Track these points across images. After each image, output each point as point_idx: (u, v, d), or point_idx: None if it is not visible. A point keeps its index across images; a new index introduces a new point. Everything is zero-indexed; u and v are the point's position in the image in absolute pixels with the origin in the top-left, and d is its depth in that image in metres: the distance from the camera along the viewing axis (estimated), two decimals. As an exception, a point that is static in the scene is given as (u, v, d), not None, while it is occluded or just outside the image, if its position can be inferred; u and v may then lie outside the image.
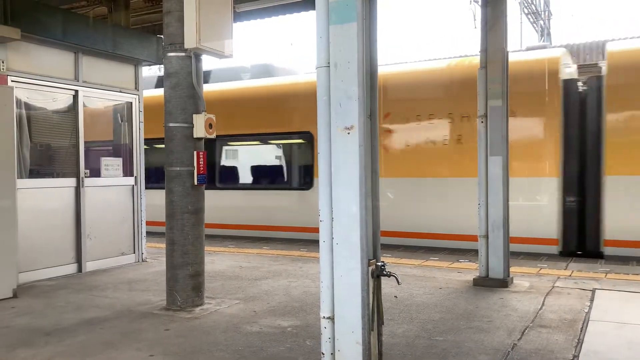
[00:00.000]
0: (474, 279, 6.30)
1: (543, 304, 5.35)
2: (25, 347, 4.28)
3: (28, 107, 6.87)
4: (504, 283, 6.09)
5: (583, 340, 4.29)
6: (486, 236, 6.26)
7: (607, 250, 7.95)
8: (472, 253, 7.82)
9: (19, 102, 6.59)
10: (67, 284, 6.56)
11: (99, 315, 5.15)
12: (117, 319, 5.05)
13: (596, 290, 5.83)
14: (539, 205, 8.42)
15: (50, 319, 5.04)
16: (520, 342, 4.26)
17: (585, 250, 8.33)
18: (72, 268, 7.19)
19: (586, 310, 5.11)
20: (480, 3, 6.60)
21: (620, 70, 7.97)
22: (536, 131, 8.40)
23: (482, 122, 6.27)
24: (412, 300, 5.54)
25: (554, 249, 8.30)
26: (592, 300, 5.48)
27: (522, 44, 20.09)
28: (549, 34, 22.40)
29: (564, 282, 6.26)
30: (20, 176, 6.50)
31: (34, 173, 6.90)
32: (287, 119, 10.46)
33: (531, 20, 21.76)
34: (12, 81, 6.51)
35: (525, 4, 21.16)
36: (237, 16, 8.15)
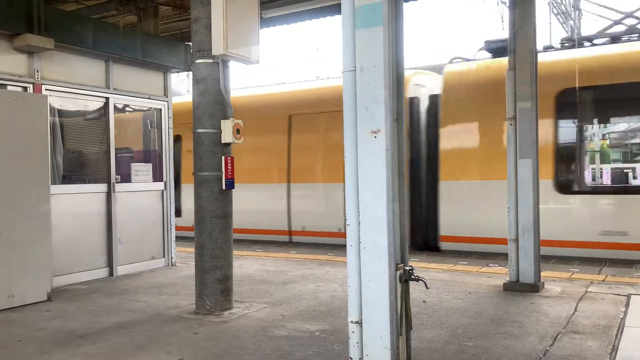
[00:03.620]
0: (504, 283, 6.20)
1: (576, 310, 5.24)
2: (60, 349, 4.37)
3: (61, 114, 7.04)
4: (535, 288, 5.98)
5: (618, 346, 4.18)
6: (516, 240, 6.16)
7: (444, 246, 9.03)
8: (502, 257, 7.70)
9: (52, 110, 6.76)
10: (99, 288, 6.68)
11: (130, 319, 5.23)
12: (147, 322, 5.13)
13: (631, 296, 5.68)
14: None
15: (83, 322, 5.14)
16: (552, 348, 4.18)
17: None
18: (103, 272, 7.32)
19: (621, 316, 4.98)
20: (508, 4, 6.51)
21: (451, 88, 9.04)
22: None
23: (510, 124, 6.18)
24: (441, 305, 5.49)
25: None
26: (627, 305, 5.34)
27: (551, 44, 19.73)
28: (579, 34, 21.96)
29: (598, 287, 6.11)
30: (54, 182, 6.65)
31: (66, 179, 7.06)
32: None
33: (561, 20, 21.39)
34: (46, 90, 6.69)
35: (555, 4, 20.81)
36: (264, 22, 8.21)
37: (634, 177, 10.73)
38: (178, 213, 10.89)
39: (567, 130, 8.56)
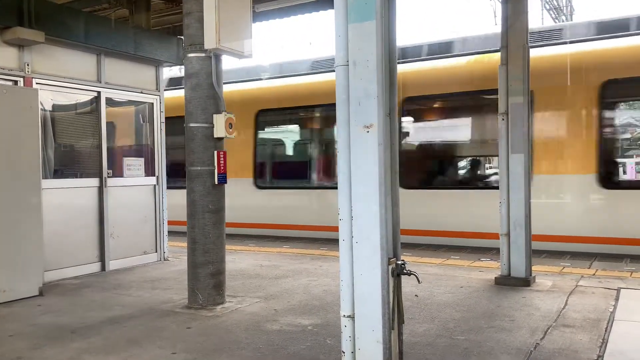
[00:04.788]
0: (495, 277, 6.24)
1: (566, 303, 5.28)
2: (52, 344, 4.36)
3: (52, 108, 7.00)
4: (526, 282, 6.02)
5: (608, 340, 4.22)
6: (508, 234, 6.19)
7: None
8: (493, 252, 7.75)
9: (43, 103, 6.71)
10: (91, 283, 6.66)
11: (123, 314, 5.23)
12: (140, 317, 5.12)
13: (621, 290, 5.74)
14: None
15: (76, 317, 5.13)
16: (543, 341, 4.22)
17: None
18: (95, 267, 7.30)
19: (611, 310, 5.03)
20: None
21: None
22: None
23: (502, 119, 6.20)
24: (433, 299, 5.52)
25: None
26: (617, 299, 5.39)
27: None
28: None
29: (588, 281, 6.17)
30: (45, 176, 6.61)
31: (58, 173, 7.03)
32: None
33: (553, 16, 21.45)
34: (37, 83, 6.64)
35: (547, 0, 20.85)
36: (256, 16, 8.17)
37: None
38: None
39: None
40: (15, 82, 6.44)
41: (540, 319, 4.80)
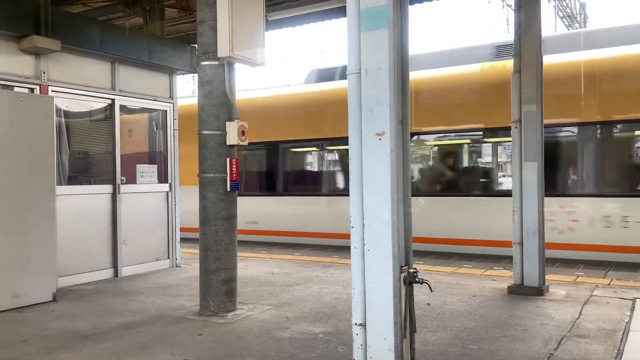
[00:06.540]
0: (508, 286, 6.18)
1: (580, 313, 5.22)
2: (64, 349, 4.39)
3: (67, 115, 7.07)
4: (539, 291, 5.96)
5: (623, 350, 4.16)
6: (521, 243, 6.14)
7: None
8: (506, 260, 7.69)
9: (58, 111, 6.79)
10: (104, 289, 6.70)
11: (135, 320, 5.25)
12: (152, 323, 5.14)
13: (637, 300, 5.66)
14: None
15: (88, 323, 5.16)
16: (556, 352, 4.17)
17: None
18: (108, 273, 7.35)
19: (626, 320, 4.96)
20: (513, 7, 6.51)
21: None
22: None
23: (516, 127, 6.16)
24: (445, 308, 5.48)
25: None
26: (632, 309, 5.32)
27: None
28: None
29: (603, 291, 6.09)
30: (59, 183, 6.68)
31: (72, 180, 7.09)
32: None
33: (566, 23, 21.33)
34: (53, 91, 6.72)
35: (560, 8, 20.75)
36: (269, 24, 8.23)
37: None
38: None
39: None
40: (32, 90, 6.53)
41: (554, 328, 4.75)
